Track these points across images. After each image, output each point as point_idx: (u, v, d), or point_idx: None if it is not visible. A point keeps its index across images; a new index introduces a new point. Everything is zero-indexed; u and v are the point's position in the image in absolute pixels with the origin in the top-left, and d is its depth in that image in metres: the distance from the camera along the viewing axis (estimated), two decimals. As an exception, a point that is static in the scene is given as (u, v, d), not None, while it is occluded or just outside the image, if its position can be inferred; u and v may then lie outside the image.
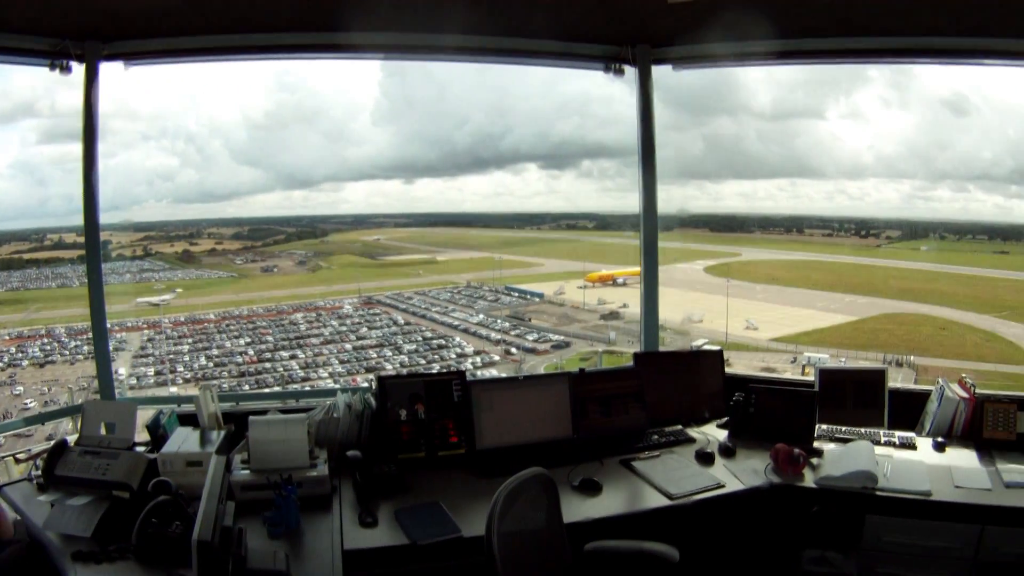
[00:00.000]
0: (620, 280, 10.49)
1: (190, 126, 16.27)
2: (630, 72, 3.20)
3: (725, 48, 3.15)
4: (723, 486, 2.40)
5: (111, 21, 2.71)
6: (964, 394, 2.94)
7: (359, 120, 17.51)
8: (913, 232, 10.50)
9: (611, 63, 3.17)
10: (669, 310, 7.81)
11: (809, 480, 2.46)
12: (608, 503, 2.28)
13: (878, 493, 2.36)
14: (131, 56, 2.85)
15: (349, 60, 3.80)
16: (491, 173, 15.70)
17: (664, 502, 2.28)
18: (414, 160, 15.70)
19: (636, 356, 3.08)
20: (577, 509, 2.19)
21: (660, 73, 3.24)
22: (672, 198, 3.29)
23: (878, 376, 3.02)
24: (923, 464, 2.58)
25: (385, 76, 16.22)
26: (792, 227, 11.16)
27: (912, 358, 8.48)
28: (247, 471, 2.23)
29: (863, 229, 10.74)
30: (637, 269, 3.33)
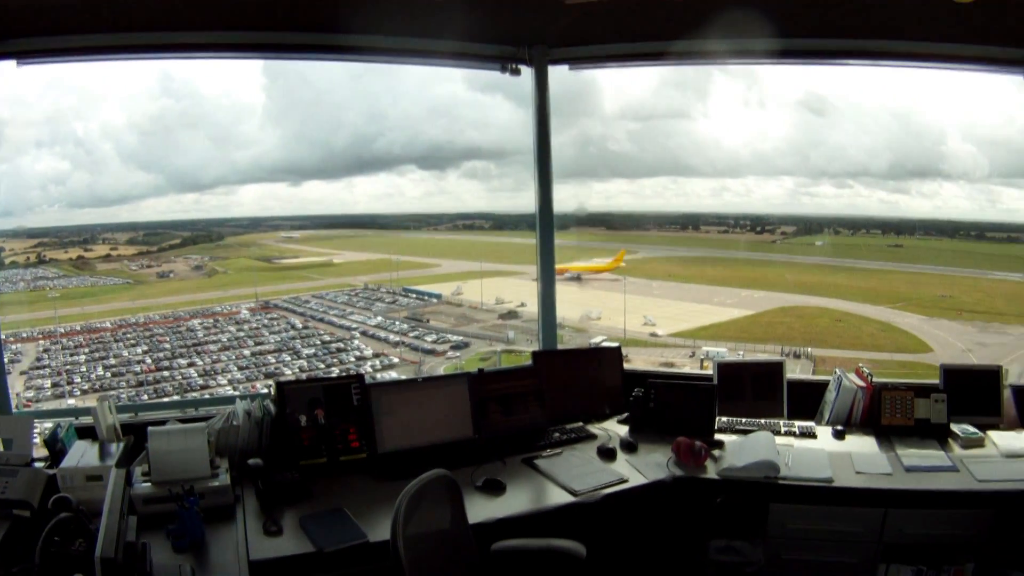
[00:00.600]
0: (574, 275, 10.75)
1: (80, 129, 15.99)
2: (525, 73, 3.22)
3: (620, 49, 3.23)
4: (626, 481, 2.44)
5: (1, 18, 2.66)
6: (861, 383, 3.06)
7: (245, 123, 17.86)
8: (808, 228, 10.92)
9: (507, 63, 3.21)
10: (567, 308, 8.06)
11: (712, 472, 2.52)
12: (512, 502, 2.29)
13: (781, 482, 2.44)
14: (24, 55, 2.74)
15: (236, 60, 3.78)
16: (379, 174, 16.05)
17: (568, 499, 2.31)
18: (300, 162, 16.02)
19: (535, 355, 3.09)
20: (482, 509, 2.20)
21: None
22: (567, 197, 3.34)
23: (776, 368, 3.13)
24: (824, 452, 2.68)
25: (268, 79, 16.48)
26: (688, 224, 11.53)
27: (810, 349, 8.88)
28: (148, 484, 2.19)
29: (758, 225, 11.13)
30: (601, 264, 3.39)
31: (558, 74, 3.30)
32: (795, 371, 3.85)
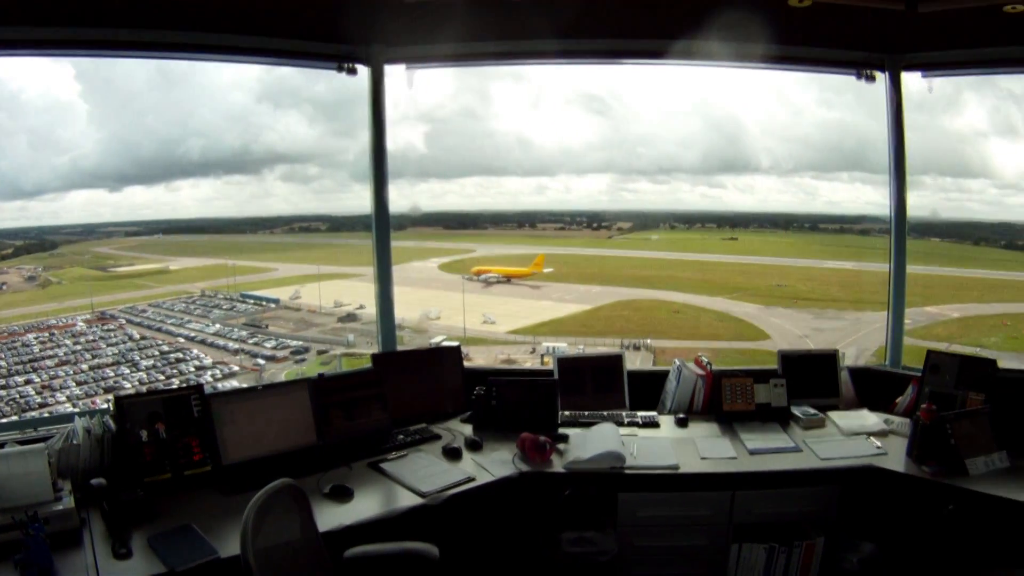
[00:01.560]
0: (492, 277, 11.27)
1: None
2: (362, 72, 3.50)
3: (459, 49, 3.53)
4: (473, 479, 2.63)
5: None
6: (701, 372, 3.41)
7: (64, 126, 18.00)
8: (643, 223, 11.75)
9: (345, 63, 3.42)
10: (406, 309, 8.59)
11: (558, 465, 2.74)
12: (361, 508, 2.43)
13: (627, 472, 2.69)
14: None
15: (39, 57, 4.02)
16: (205, 179, 16.53)
17: (417, 501, 2.48)
18: (117, 167, 16.36)
19: (374, 357, 3.27)
20: (331, 517, 2.33)
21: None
22: (396, 197, 3.59)
23: (615, 360, 3.44)
24: (668, 440, 2.99)
25: (82, 81, 17.18)
26: (525, 222, 12.20)
27: (649, 341, 9.63)
28: (-12, 513, 2.24)
29: (595, 221, 11.89)
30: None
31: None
32: (635, 363, 4.45)
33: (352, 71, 3.45)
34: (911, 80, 3.85)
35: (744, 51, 3.65)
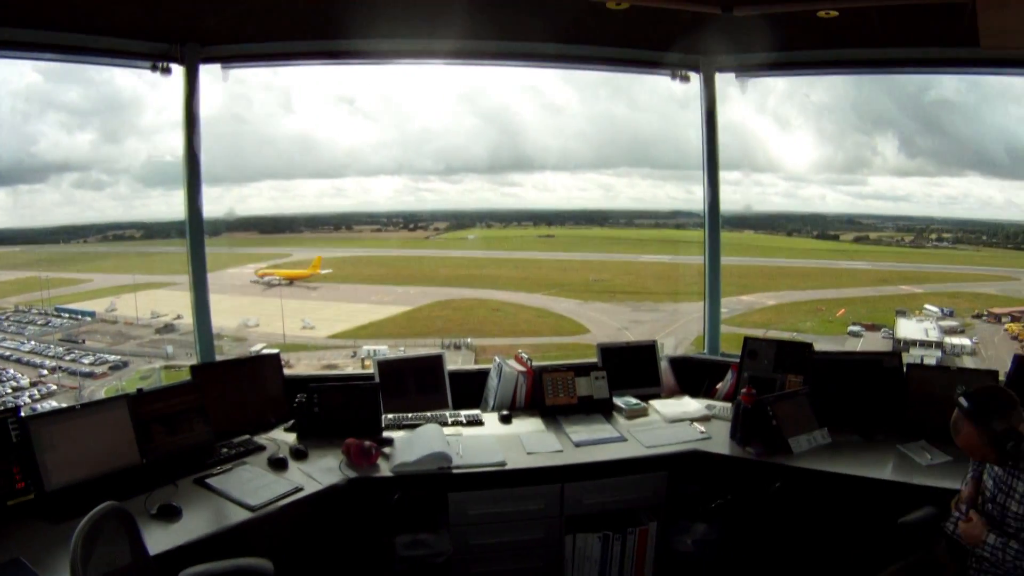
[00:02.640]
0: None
1: None
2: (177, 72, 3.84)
3: (278, 47, 3.95)
4: (301, 489, 2.93)
5: None
6: (522, 368, 3.96)
7: None
8: (460, 222, 12.99)
9: (159, 62, 3.76)
10: (224, 317, 9.26)
11: (385, 470, 3.13)
12: (191, 526, 2.64)
13: (455, 471, 3.13)
14: None
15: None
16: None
17: (247, 515, 2.73)
18: None
19: (193, 369, 3.55)
20: (162, 538, 2.53)
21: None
22: (211, 201, 3.98)
23: (436, 361, 3.99)
24: (493, 437, 3.49)
25: None
26: (341, 224, 13.23)
27: (470, 340, 10.61)
28: None
29: (412, 222, 13.03)
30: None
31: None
32: (457, 362, 5.09)
33: (167, 71, 3.81)
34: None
35: (562, 52, 4.36)
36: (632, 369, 4.18)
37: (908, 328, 10.77)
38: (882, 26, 3.93)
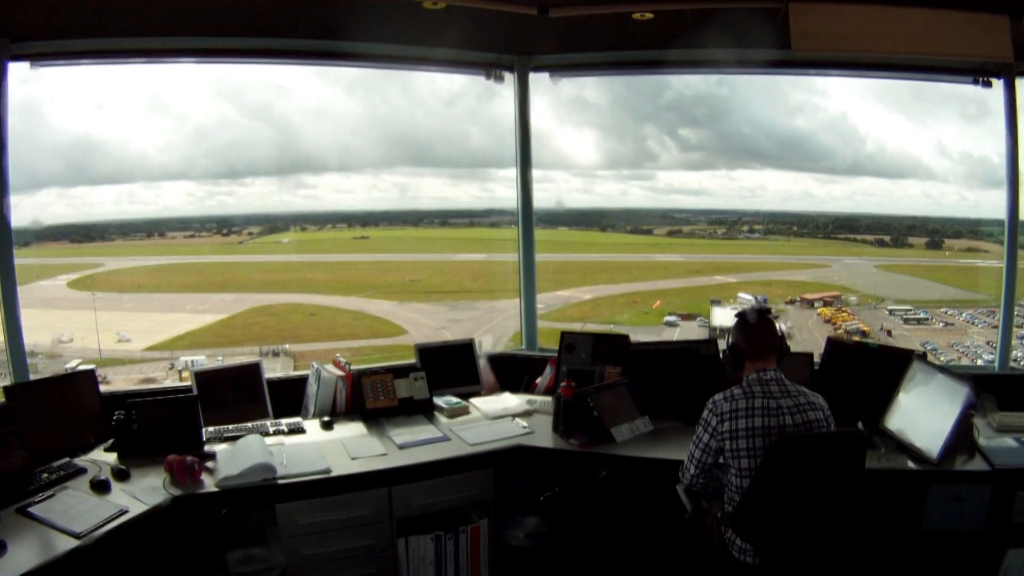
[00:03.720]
0: None
1: None
2: None
3: (93, 45, 4.30)
4: (127, 511, 3.16)
5: None
6: (340, 372, 4.45)
7: None
8: (274, 226, 14.31)
9: None
10: (36, 333, 9.95)
11: (211, 485, 3.43)
12: (19, 560, 2.80)
13: (280, 482, 3.48)
14: None
15: None
16: None
17: (74, 543, 2.92)
18: None
19: (6, 390, 3.72)
20: None
21: None
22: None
23: (254, 369, 4.43)
24: (316, 445, 3.91)
25: None
26: (153, 231, 14.26)
27: (287, 346, 11.60)
28: None
29: (225, 227, 14.19)
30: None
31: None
32: (276, 369, 5.71)
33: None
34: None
35: (380, 52, 5.04)
36: (451, 368, 4.85)
37: (723, 316, 12.28)
38: (697, 28, 4.60)
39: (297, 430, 4.21)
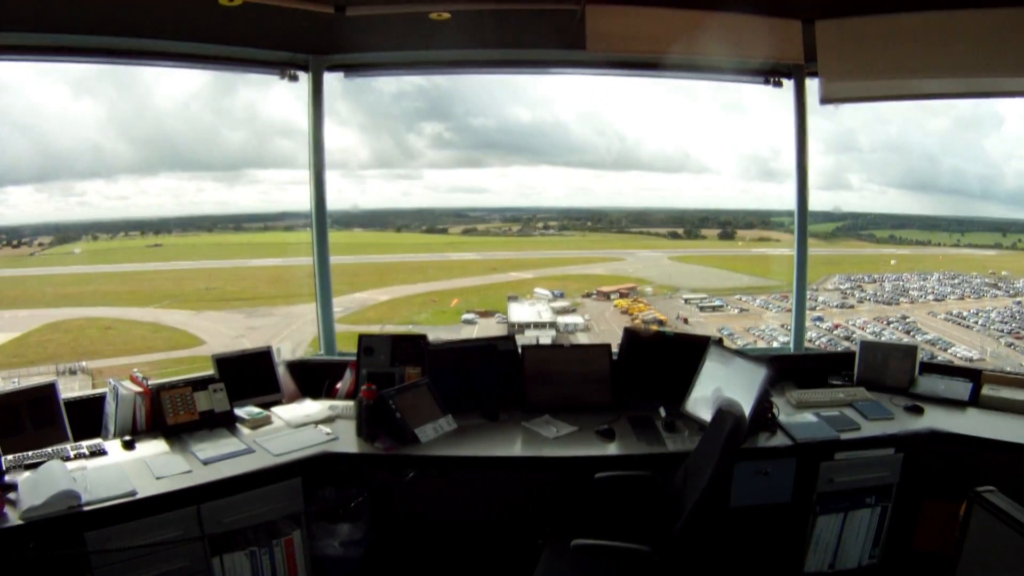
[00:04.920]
0: None
1: None
2: None
3: None
4: None
5: None
6: (138, 388, 4.68)
7: None
8: (65, 236, 15.48)
9: None
10: None
11: (16, 518, 3.53)
12: None
13: (86, 508, 3.63)
14: None
15: None
16: None
17: None
18: None
19: None
20: None
21: None
22: None
23: (48, 390, 4.57)
24: (118, 466, 4.11)
25: None
26: None
27: (84, 363, 12.45)
28: None
29: (14, 238, 15.24)
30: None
31: None
32: (75, 388, 6.05)
33: None
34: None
35: (173, 50, 5.49)
36: (250, 378, 5.28)
37: (521, 312, 14.44)
38: (495, 28, 5.20)
39: (98, 452, 4.40)
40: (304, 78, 6.01)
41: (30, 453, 4.36)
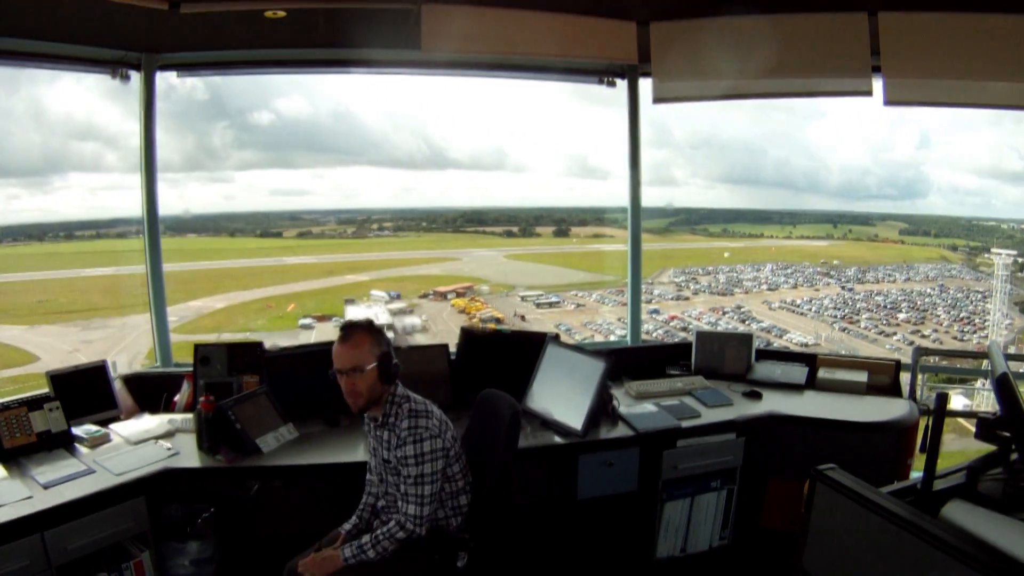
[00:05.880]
0: None
1: None
2: None
3: None
4: None
5: None
6: None
7: None
8: None
9: None
10: None
11: None
12: None
13: None
14: None
15: None
16: None
17: None
18: None
19: None
20: None
21: None
22: None
23: None
24: None
25: None
26: None
27: None
28: None
29: None
30: None
31: None
32: None
33: None
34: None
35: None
36: (86, 394, 5.16)
37: (358, 315, 14.14)
38: (329, 27, 5.33)
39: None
40: (136, 77, 6.02)
41: None
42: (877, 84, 6.14)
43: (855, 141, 27.27)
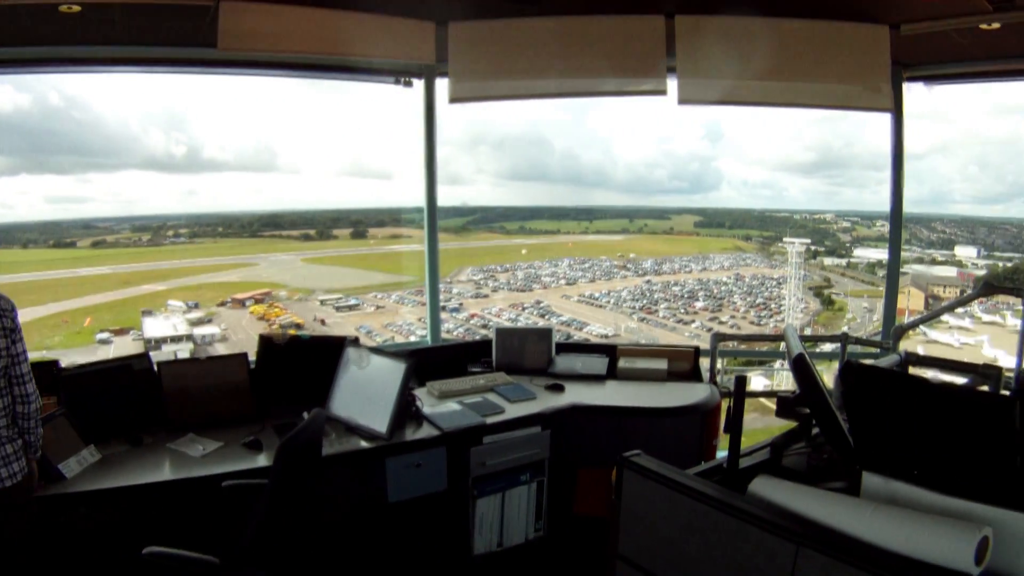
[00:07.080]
0: None
1: None
2: None
3: None
4: None
5: None
6: None
7: None
8: None
9: None
10: None
11: None
12: None
13: None
14: None
15: None
16: None
17: None
18: None
19: None
20: None
21: None
22: None
23: None
24: None
25: None
26: None
27: None
28: None
29: None
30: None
31: None
32: None
33: None
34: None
35: None
36: None
37: (156, 326, 14.91)
38: (127, 24, 5.34)
39: None
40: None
41: None
42: (672, 84, 6.51)
43: (641, 134, 27.99)
